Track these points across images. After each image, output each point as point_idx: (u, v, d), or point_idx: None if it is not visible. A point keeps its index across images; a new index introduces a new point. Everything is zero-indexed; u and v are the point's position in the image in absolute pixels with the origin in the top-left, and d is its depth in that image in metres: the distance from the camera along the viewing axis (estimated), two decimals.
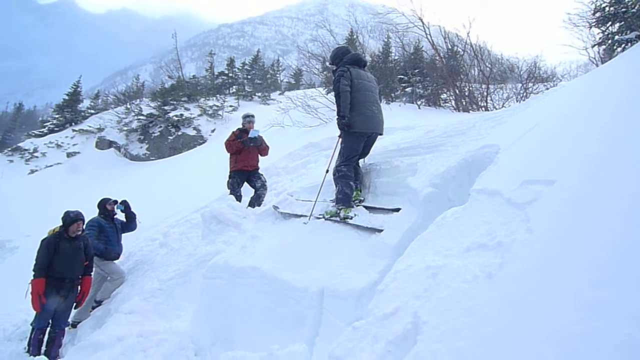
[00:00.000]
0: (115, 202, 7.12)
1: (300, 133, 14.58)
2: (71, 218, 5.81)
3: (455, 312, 2.15)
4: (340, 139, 4.88)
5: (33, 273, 5.51)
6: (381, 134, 5.12)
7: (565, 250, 2.03)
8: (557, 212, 2.36)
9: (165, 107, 23.28)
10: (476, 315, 2.04)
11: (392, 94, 19.49)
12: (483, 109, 16.21)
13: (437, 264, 2.63)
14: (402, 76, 20.21)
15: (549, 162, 2.93)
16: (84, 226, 6.12)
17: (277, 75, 38.14)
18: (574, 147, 2.91)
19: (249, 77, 31.82)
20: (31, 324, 5.60)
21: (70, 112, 29.18)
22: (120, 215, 7.31)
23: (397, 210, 4.20)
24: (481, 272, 2.27)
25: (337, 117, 4.76)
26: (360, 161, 5.31)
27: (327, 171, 4.99)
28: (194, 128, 22.02)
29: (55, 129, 27.86)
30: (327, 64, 5.81)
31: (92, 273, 6.23)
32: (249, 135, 7.43)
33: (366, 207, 4.63)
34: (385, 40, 23.86)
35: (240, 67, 32.58)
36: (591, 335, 1.57)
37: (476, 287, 2.21)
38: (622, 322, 1.54)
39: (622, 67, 4.44)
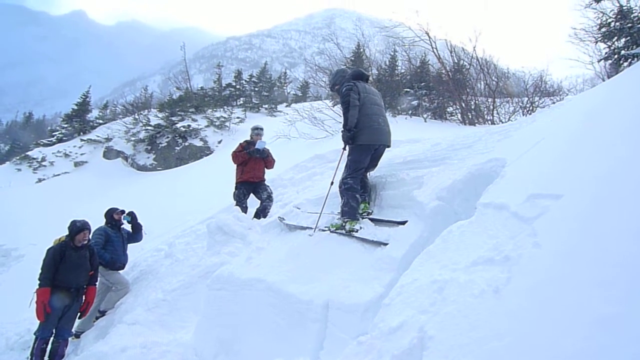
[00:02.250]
0: (123, 212, 7.15)
1: (306, 145, 14.61)
2: (77, 227, 5.83)
3: (462, 327, 2.13)
4: (347, 152, 4.89)
5: (38, 282, 5.52)
6: (389, 146, 5.12)
7: (573, 265, 2.01)
8: (564, 227, 2.34)
9: (173, 118, 23.45)
10: (483, 330, 2.02)
11: (399, 107, 19.53)
12: (489, 122, 16.22)
13: (443, 278, 2.61)
14: (408, 89, 20.28)
15: (555, 176, 2.92)
16: (90, 235, 6.14)
17: (284, 87, 38.37)
18: (580, 161, 2.90)
19: (256, 89, 32.05)
20: (35, 333, 5.59)
21: (78, 121, 29.39)
22: (127, 226, 7.33)
23: (404, 223, 4.19)
24: (488, 286, 2.25)
25: (342, 130, 4.78)
26: (368, 174, 5.32)
27: (332, 183, 4.99)
28: (201, 139, 22.14)
29: (64, 138, 28.04)
30: (329, 89, 5.85)
31: (97, 283, 6.23)
32: (256, 146, 7.46)
33: (372, 220, 4.61)
34: (392, 53, 24.03)
35: (248, 79, 32.84)
36: (599, 351, 1.55)
37: (483, 301, 2.19)
38: (630, 338, 1.52)
39: (629, 82, 4.43)
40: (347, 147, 4.88)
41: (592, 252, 2.00)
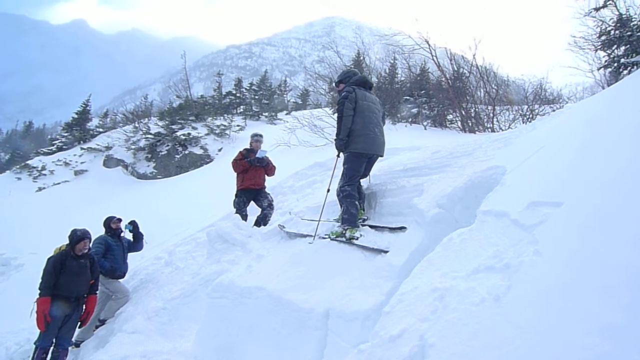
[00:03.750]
0: (120, 220, 7.13)
1: (306, 152, 14.60)
2: (78, 236, 5.82)
3: (463, 335, 2.12)
4: (342, 160, 4.91)
5: (39, 291, 5.50)
6: (382, 156, 5.15)
7: (575, 272, 2.01)
8: (565, 235, 2.34)
9: (173, 126, 23.45)
10: (483, 338, 2.02)
11: (398, 115, 19.58)
12: (489, 130, 16.24)
13: (444, 285, 2.60)
14: (408, 97, 20.34)
15: (556, 184, 2.91)
16: (91, 244, 6.13)
17: (284, 95, 38.47)
18: (581, 169, 2.90)
19: (256, 97, 32.07)
20: (35, 343, 5.57)
21: (79, 130, 29.38)
22: (128, 235, 7.32)
23: (402, 228, 4.19)
24: (488, 294, 2.25)
25: (335, 138, 4.84)
26: (364, 182, 5.32)
27: (328, 191, 5.00)
28: (201, 147, 22.12)
29: (64, 147, 28.00)
30: (334, 84, 6.03)
31: (97, 292, 6.21)
32: (257, 155, 7.46)
33: (370, 227, 4.62)
34: (392, 61, 24.14)
35: (248, 87, 32.88)
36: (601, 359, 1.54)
37: (483, 309, 2.18)
38: (633, 346, 1.52)
39: (629, 90, 4.44)
40: (341, 155, 4.91)
41: (594, 260, 2.00)
